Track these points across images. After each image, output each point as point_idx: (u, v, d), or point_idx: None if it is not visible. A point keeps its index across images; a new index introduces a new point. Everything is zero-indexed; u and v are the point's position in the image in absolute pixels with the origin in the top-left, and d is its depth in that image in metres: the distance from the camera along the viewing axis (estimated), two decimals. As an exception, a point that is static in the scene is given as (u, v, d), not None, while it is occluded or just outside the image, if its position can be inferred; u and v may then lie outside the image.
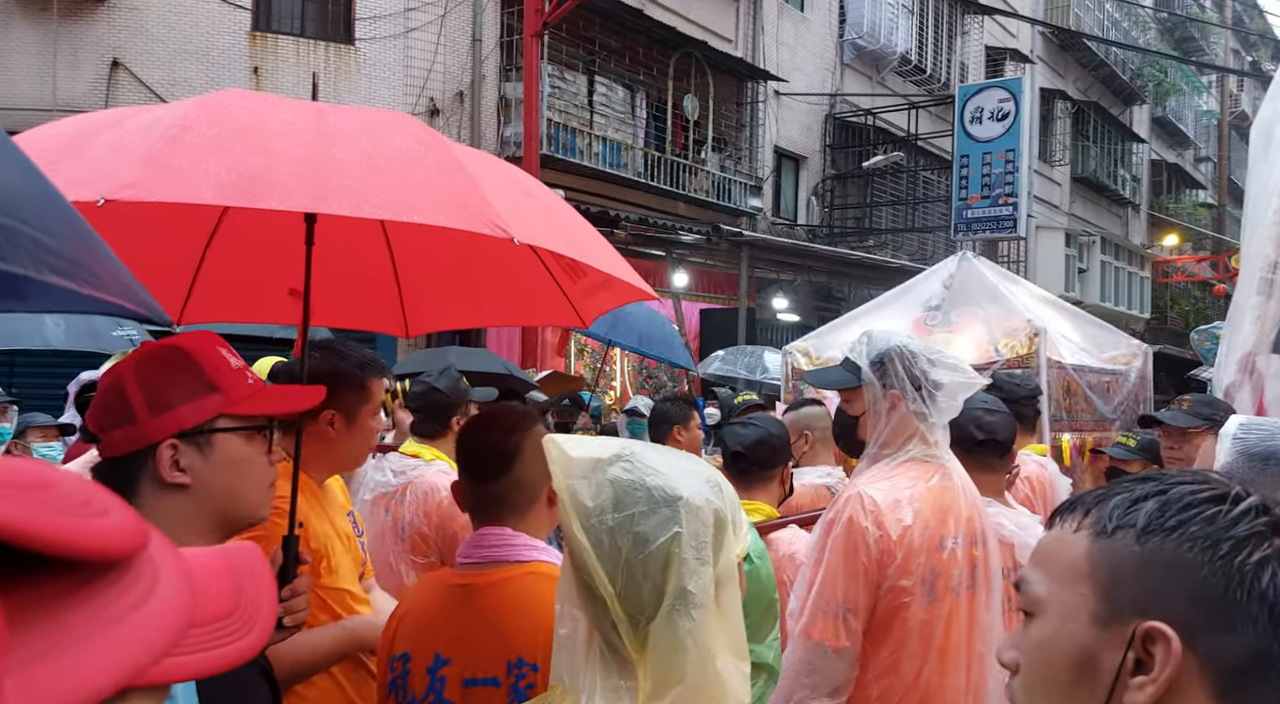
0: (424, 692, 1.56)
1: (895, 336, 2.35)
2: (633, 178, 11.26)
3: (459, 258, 2.18)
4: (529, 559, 1.59)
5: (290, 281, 1.83)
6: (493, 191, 1.53)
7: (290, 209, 1.37)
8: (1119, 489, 0.85)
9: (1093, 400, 5.47)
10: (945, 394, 2.25)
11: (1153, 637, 0.76)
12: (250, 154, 1.39)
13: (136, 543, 0.49)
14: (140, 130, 1.45)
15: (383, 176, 1.45)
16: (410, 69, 9.87)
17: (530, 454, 1.62)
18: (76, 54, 9.05)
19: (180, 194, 1.34)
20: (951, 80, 16.68)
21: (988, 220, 14.69)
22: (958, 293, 5.64)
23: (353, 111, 1.69)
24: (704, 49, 12.04)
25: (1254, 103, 29.88)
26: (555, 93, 10.48)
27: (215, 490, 1.34)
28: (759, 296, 12.91)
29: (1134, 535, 0.80)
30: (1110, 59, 21.18)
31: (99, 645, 0.44)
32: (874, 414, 2.32)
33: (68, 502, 0.46)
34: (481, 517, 1.65)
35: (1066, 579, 0.83)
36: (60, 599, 0.44)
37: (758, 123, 13.57)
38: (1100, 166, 20.73)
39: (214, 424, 1.35)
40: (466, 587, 1.59)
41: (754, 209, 13.21)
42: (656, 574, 1.06)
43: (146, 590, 0.48)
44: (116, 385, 1.33)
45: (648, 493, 1.08)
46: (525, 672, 1.49)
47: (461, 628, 1.56)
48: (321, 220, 1.78)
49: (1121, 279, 19.12)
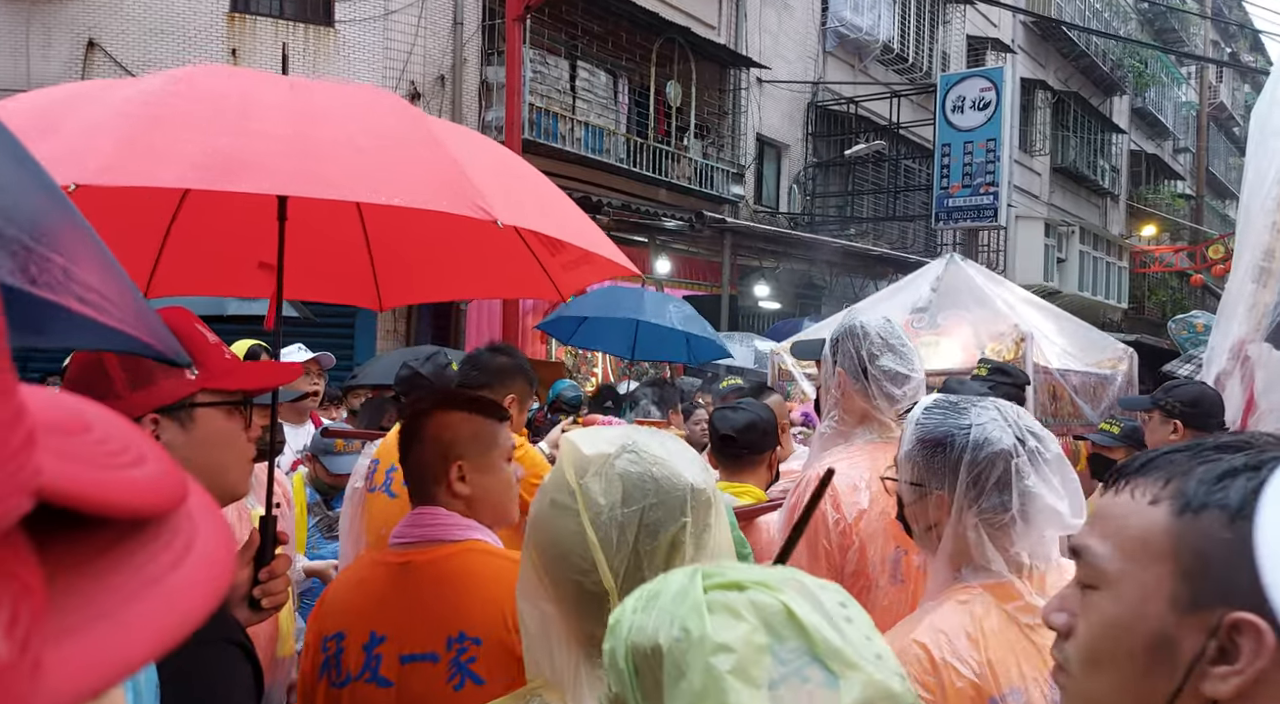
0: (359, 669, 1.56)
1: (862, 317, 2.35)
2: (615, 164, 11.22)
3: (433, 229, 2.16)
4: (464, 538, 1.60)
5: (260, 253, 1.80)
6: (476, 170, 1.51)
7: (270, 192, 1.35)
8: (1204, 456, 0.78)
9: (1079, 405, 5.49)
10: (892, 379, 2.24)
11: (1241, 628, 0.70)
12: (227, 134, 1.37)
13: (178, 497, 0.45)
14: (116, 108, 1.42)
15: (364, 158, 1.43)
16: (390, 52, 9.77)
17: (428, 439, 1.65)
18: (50, 33, 8.89)
19: (156, 177, 1.32)
20: (933, 69, 16.70)
21: (968, 209, 14.75)
22: (945, 295, 5.66)
23: (333, 88, 1.66)
24: (687, 35, 12.00)
25: (1233, 94, 30.18)
26: (537, 77, 10.41)
27: (196, 466, 1.32)
28: (741, 284, 12.92)
29: (1225, 518, 0.73)
30: (1091, 49, 21.27)
31: (144, 608, 0.40)
32: (825, 390, 2.34)
33: (105, 449, 0.43)
34: (413, 498, 1.68)
35: (1143, 556, 0.78)
36: (97, 559, 0.40)
37: (740, 110, 13.55)
38: (1080, 157, 20.85)
39: (194, 399, 1.33)
40: (404, 565, 1.60)
41: (736, 196, 13.20)
42: (661, 563, 1.06)
43: (185, 547, 0.44)
44: (95, 360, 1.30)
45: (656, 484, 1.08)
46: (467, 645, 1.50)
47: (399, 605, 1.56)
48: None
49: (1100, 269, 19.27)
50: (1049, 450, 1.46)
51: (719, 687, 0.70)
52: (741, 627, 0.72)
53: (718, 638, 0.72)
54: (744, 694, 0.69)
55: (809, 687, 0.70)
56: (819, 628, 0.72)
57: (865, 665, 0.71)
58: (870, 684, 0.70)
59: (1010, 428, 1.45)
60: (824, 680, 0.70)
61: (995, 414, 1.48)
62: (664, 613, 0.77)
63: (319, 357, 4.37)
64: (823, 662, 0.71)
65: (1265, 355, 3.95)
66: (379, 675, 1.54)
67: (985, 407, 1.51)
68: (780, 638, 0.72)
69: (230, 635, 1.27)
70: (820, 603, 0.75)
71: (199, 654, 1.15)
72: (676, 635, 0.75)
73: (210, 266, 2.32)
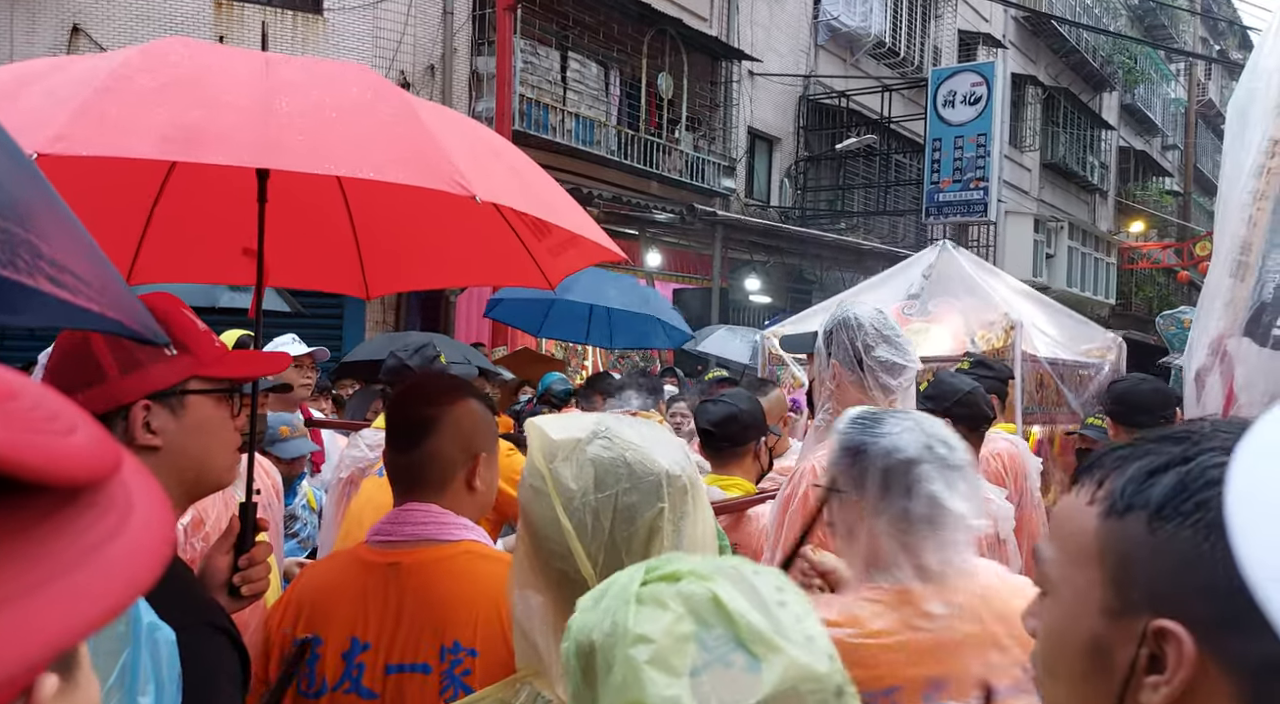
0: (336, 680, 1.43)
1: (855, 309, 2.34)
2: (605, 156, 11.17)
3: (420, 216, 2.12)
4: (459, 538, 1.48)
5: (244, 239, 1.76)
6: (453, 146, 1.46)
7: (237, 164, 1.30)
8: (1142, 451, 0.74)
9: (1064, 393, 5.51)
10: (887, 369, 2.25)
11: (1165, 635, 0.68)
12: (193, 105, 1.31)
13: (112, 465, 0.44)
14: (77, 79, 1.36)
15: (335, 130, 1.37)
16: (380, 41, 9.70)
17: (449, 429, 1.53)
18: (35, 19, 8.79)
19: (118, 148, 1.26)
20: (925, 64, 16.70)
21: (958, 204, 14.76)
22: (936, 283, 5.67)
23: (303, 61, 1.60)
24: (678, 27, 11.95)
25: (1221, 92, 30.29)
26: (528, 68, 10.35)
27: (186, 453, 1.31)
28: (731, 277, 12.91)
29: (1145, 519, 0.70)
30: (1081, 46, 21.31)
31: (89, 575, 0.40)
32: (819, 382, 2.34)
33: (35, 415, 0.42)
34: (401, 491, 1.55)
35: (1077, 559, 0.75)
36: (35, 527, 0.39)
37: (731, 103, 13.52)
38: (1069, 153, 20.90)
39: (186, 385, 1.31)
40: (391, 566, 1.46)
41: (727, 190, 13.17)
42: (639, 550, 1.04)
43: (124, 515, 0.44)
44: (82, 345, 1.27)
45: (629, 469, 1.06)
46: (462, 657, 1.38)
47: (386, 611, 1.43)
48: (275, 175, 1.71)
49: (1088, 265, 19.34)
50: (956, 458, 1.51)
51: (637, 677, 0.71)
52: (665, 617, 0.73)
53: (637, 630, 0.73)
54: (660, 683, 0.70)
55: (732, 672, 0.71)
56: (744, 614, 0.73)
57: (790, 649, 0.73)
58: (793, 665, 0.72)
59: (921, 436, 1.51)
60: (746, 665, 0.72)
61: (910, 424, 1.54)
62: (604, 610, 0.78)
63: (314, 351, 4.34)
64: (746, 646, 0.72)
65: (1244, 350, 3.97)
66: (361, 686, 1.41)
67: (902, 418, 1.57)
68: (706, 625, 0.73)
69: (215, 621, 1.25)
70: (754, 588, 0.76)
71: (184, 640, 1.13)
72: (607, 630, 0.76)
73: (194, 253, 2.28)
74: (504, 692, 1.13)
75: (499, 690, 1.13)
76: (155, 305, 1.32)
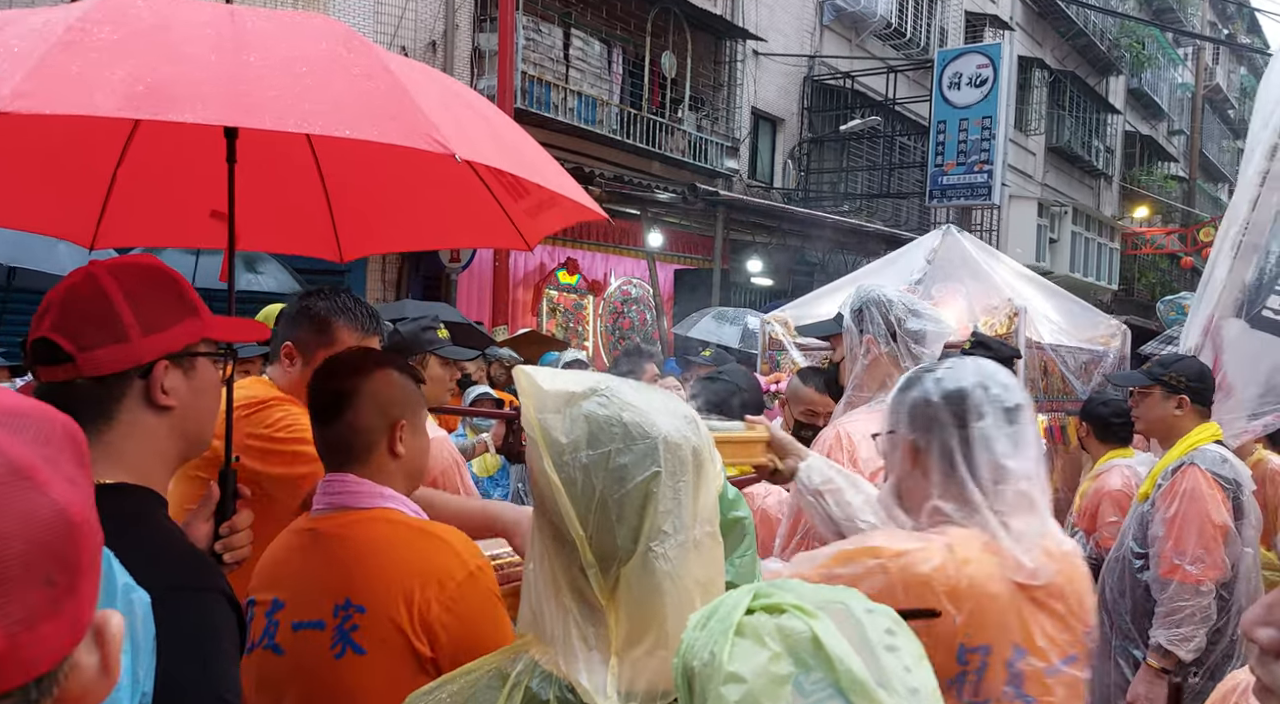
0: (259, 635, 1.54)
1: (878, 288, 2.49)
2: (608, 135, 11.09)
3: (392, 176, 2.07)
4: (373, 506, 1.56)
5: (213, 202, 1.72)
6: (429, 103, 1.41)
7: (204, 122, 1.26)
8: None
9: (1069, 380, 5.47)
10: (919, 340, 2.37)
11: None
12: (158, 61, 1.26)
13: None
14: (33, 33, 1.30)
15: (307, 86, 1.32)
16: (381, 16, 9.61)
17: (366, 400, 1.58)
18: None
19: (81, 106, 1.20)
20: (931, 45, 16.55)
21: (962, 187, 14.67)
22: (940, 267, 5.63)
23: (270, 14, 1.55)
24: (683, 5, 11.83)
25: (1228, 77, 30.09)
26: (530, 45, 10.26)
27: (193, 414, 1.33)
28: (733, 259, 12.84)
29: None
30: (1088, 29, 21.12)
31: None
32: (850, 358, 2.46)
33: None
34: (328, 464, 1.62)
35: None
36: None
37: (735, 83, 13.41)
38: (1075, 137, 20.76)
39: (196, 347, 1.33)
40: (312, 532, 1.57)
41: (730, 170, 13.09)
42: (633, 515, 1.01)
43: None
44: (101, 301, 1.25)
45: (624, 429, 1.02)
46: (351, 613, 1.46)
47: (300, 572, 1.54)
48: (244, 135, 1.66)
49: (1091, 250, 19.25)
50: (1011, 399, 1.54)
51: None
52: (761, 655, 0.71)
53: (731, 666, 0.71)
54: None
55: None
56: (845, 658, 0.70)
57: (891, 701, 0.69)
58: None
59: (975, 376, 1.56)
60: None
61: (969, 365, 1.60)
62: (709, 633, 0.76)
63: None
64: (846, 695, 0.69)
65: (1239, 332, 3.95)
66: (274, 643, 1.51)
67: (962, 363, 1.62)
68: (806, 668, 0.70)
69: (214, 584, 1.25)
70: (862, 628, 0.73)
71: (187, 601, 1.12)
72: (705, 660, 0.74)
73: (160, 216, 2.22)
74: (501, 660, 1.10)
75: (496, 659, 1.10)
76: (166, 273, 1.34)
